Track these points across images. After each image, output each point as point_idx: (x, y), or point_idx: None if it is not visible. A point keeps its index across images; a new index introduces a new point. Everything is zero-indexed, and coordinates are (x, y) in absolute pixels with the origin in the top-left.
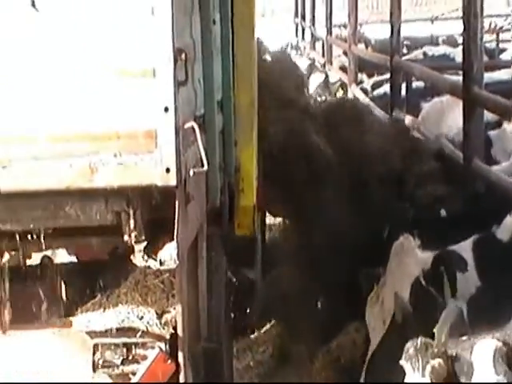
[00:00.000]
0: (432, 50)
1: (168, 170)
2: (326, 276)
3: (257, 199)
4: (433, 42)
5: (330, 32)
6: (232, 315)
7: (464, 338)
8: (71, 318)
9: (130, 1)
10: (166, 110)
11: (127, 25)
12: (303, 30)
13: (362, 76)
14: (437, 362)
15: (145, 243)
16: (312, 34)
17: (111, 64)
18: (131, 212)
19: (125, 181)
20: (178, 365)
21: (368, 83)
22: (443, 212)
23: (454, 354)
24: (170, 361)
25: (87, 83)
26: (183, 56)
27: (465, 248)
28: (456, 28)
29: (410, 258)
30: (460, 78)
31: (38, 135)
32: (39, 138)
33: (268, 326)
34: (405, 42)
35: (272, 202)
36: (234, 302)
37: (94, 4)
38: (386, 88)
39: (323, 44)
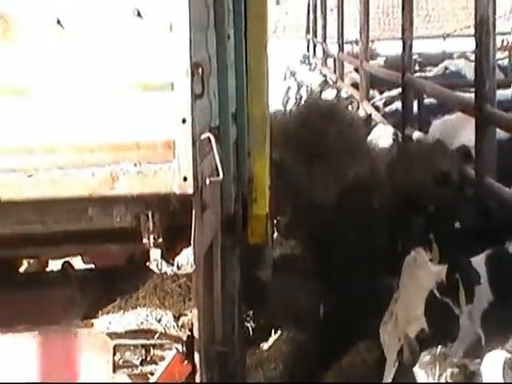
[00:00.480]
0: (453, 65)
1: (185, 179)
2: (338, 288)
3: (269, 208)
4: (444, 59)
5: (341, 48)
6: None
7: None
8: (92, 320)
9: (150, 19)
10: (184, 121)
11: (147, 41)
12: (315, 47)
13: (374, 92)
14: (455, 370)
15: (163, 249)
16: (324, 51)
17: (132, 78)
18: (150, 218)
19: (144, 189)
20: (194, 366)
21: (380, 100)
22: (455, 228)
23: (471, 366)
24: (186, 362)
25: (109, 96)
26: (200, 70)
27: (478, 262)
28: (468, 45)
29: (423, 272)
30: (473, 96)
31: (63, 145)
32: (63, 148)
33: (278, 336)
34: (417, 59)
35: None
36: (246, 304)
37: (116, 22)
38: (398, 105)
39: (335, 60)
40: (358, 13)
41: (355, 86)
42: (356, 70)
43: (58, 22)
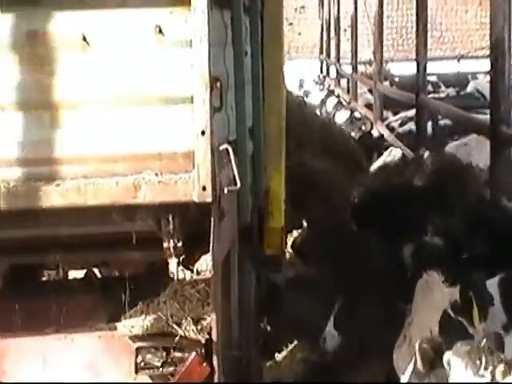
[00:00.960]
0: (480, 85)
1: (204, 188)
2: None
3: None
4: (459, 80)
5: (355, 69)
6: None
7: None
8: (116, 324)
9: (171, 35)
10: (203, 133)
11: (168, 56)
12: (328, 67)
13: (388, 113)
14: (505, 367)
15: (182, 255)
16: (337, 71)
17: (154, 92)
18: (170, 226)
19: (165, 197)
20: (212, 368)
21: (395, 120)
22: (468, 250)
23: None
24: (205, 364)
25: (133, 109)
26: (218, 84)
27: (491, 284)
28: (483, 66)
29: (437, 292)
30: (488, 117)
31: (89, 156)
32: (89, 159)
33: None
34: (431, 79)
35: None
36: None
37: (139, 39)
38: (412, 126)
39: (348, 81)
40: (372, 33)
41: (369, 106)
42: (370, 90)
43: (84, 38)
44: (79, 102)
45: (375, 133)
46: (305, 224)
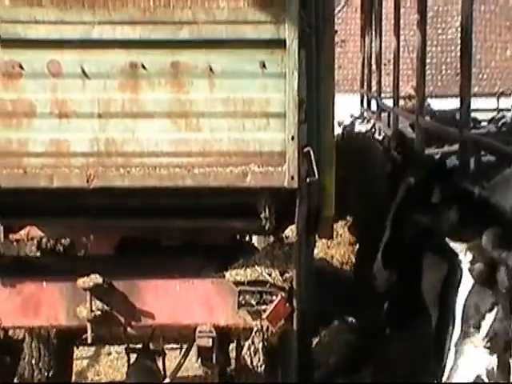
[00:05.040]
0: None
1: (292, 178)
2: None
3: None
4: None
5: (396, 103)
6: None
7: None
8: (224, 273)
9: (271, 69)
10: (292, 138)
11: (269, 84)
12: (369, 101)
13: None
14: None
15: (274, 225)
16: (378, 105)
17: (259, 108)
18: (267, 203)
19: (264, 183)
20: (292, 308)
21: (436, 154)
22: None
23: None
24: (287, 305)
25: (243, 120)
26: (304, 105)
27: None
28: None
29: None
30: None
31: (211, 151)
32: (212, 153)
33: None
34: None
35: None
36: None
37: (249, 70)
38: (454, 160)
39: (389, 115)
40: (410, 68)
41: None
42: (411, 125)
43: (210, 68)
44: (205, 113)
45: None
46: None
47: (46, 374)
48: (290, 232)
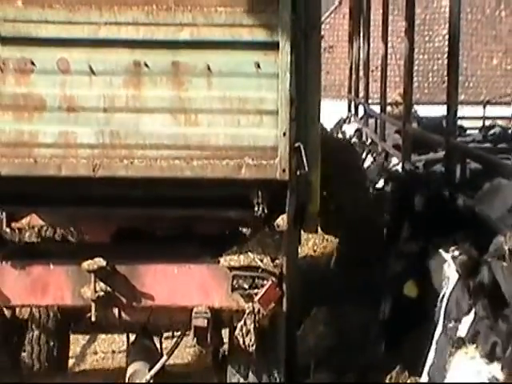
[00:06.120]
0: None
1: (284, 170)
2: None
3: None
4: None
5: (383, 110)
6: None
7: None
8: (219, 259)
9: (265, 69)
10: (284, 134)
11: (263, 84)
12: (356, 107)
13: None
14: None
15: (265, 214)
16: (365, 111)
17: (253, 106)
18: (260, 194)
19: (258, 175)
20: (282, 292)
21: (419, 161)
22: None
23: None
24: (277, 288)
25: (238, 117)
26: (295, 103)
27: None
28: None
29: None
30: None
31: (210, 145)
32: (210, 147)
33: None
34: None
35: None
36: None
37: (245, 70)
38: (440, 168)
39: (376, 121)
40: (397, 75)
41: (397, 147)
42: (397, 131)
43: (208, 68)
44: (203, 109)
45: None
46: None
47: (45, 354)
48: (281, 221)
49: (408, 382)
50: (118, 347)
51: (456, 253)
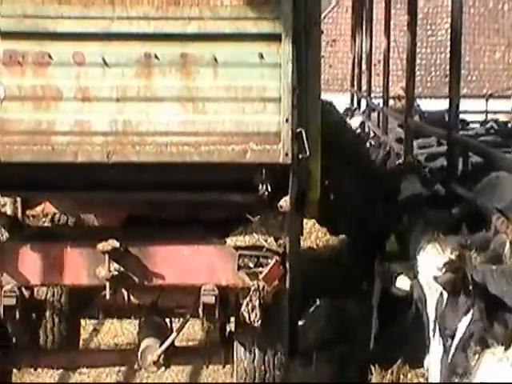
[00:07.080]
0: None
1: (287, 154)
2: None
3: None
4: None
5: (386, 103)
6: None
7: None
8: (226, 239)
9: (268, 59)
10: (287, 120)
11: (267, 73)
12: (359, 100)
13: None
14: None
15: (269, 196)
16: (367, 104)
17: (257, 94)
18: (264, 177)
19: (262, 159)
20: (285, 270)
21: (421, 155)
22: None
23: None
24: (281, 267)
25: (243, 104)
26: (297, 91)
27: None
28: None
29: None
30: None
31: (216, 132)
32: (217, 133)
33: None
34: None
35: None
36: None
37: (249, 60)
38: (442, 161)
39: (379, 114)
40: (400, 69)
41: (399, 141)
42: (400, 125)
43: (215, 58)
44: (210, 98)
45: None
46: None
47: (58, 333)
48: (284, 202)
49: (409, 376)
50: (120, 340)
51: (440, 265)
